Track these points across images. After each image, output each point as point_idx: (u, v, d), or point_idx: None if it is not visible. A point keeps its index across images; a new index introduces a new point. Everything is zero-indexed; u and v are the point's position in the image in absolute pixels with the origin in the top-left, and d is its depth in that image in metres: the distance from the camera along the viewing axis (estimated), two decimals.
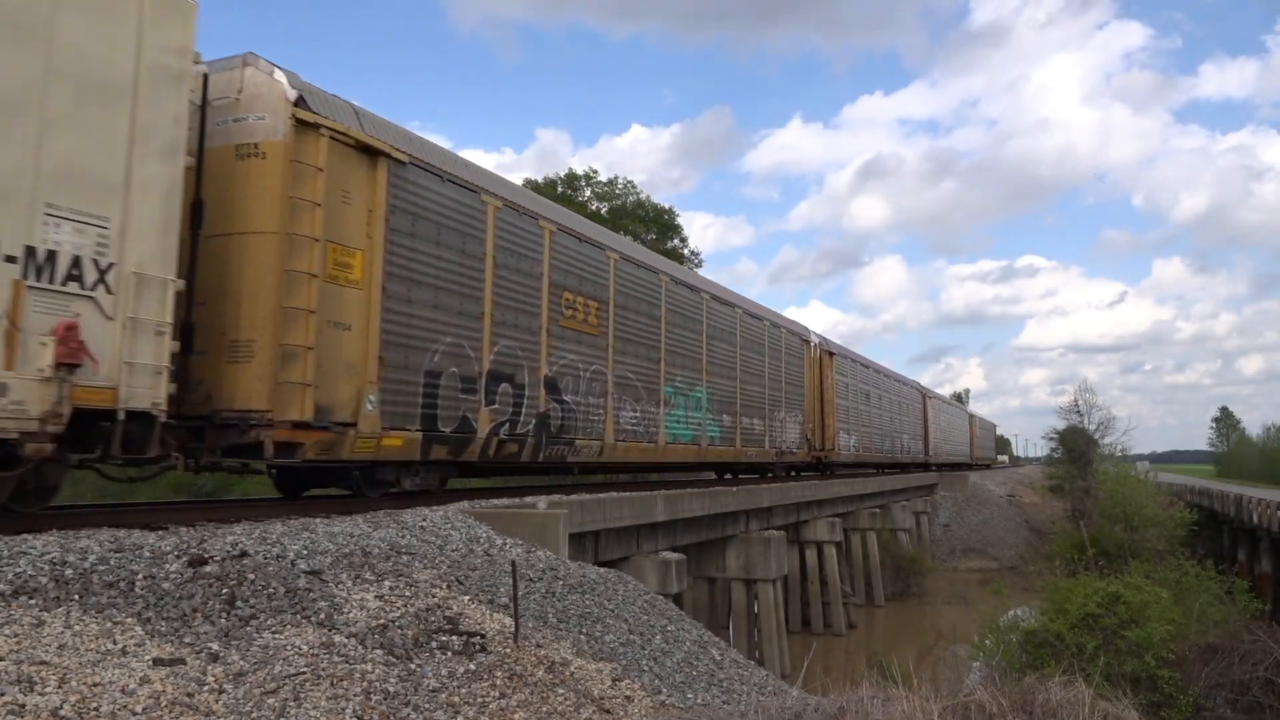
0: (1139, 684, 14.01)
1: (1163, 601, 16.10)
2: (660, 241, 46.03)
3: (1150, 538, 33.41)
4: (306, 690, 5.12)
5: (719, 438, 20.73)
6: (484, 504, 11.05)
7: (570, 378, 14.58)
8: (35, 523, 7.10)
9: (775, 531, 20.59)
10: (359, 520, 8.98)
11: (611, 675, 6.97)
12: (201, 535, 7.22)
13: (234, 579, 6.27)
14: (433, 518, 9.62)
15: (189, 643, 5.34)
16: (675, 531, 15.90)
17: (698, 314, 20.08)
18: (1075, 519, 42.16)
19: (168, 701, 4.59)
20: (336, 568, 7.15)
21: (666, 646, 8.51)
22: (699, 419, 19.68)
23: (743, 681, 8.49)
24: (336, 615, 6.28)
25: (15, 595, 5.34)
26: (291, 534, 7.74)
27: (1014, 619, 18.31)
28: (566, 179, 47.12)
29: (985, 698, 5.75)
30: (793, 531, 27.00)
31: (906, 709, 5.67)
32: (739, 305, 22.96)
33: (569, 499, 12.08)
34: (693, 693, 7.59)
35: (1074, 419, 48.28)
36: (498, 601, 7.56)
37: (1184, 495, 43.64)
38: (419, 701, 5.42)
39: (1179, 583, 20.39)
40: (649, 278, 17.92)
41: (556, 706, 5.98)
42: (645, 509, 13.72)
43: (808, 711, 6.12)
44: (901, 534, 39.82)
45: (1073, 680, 6.24)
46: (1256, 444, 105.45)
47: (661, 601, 10.11)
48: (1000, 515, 50.06)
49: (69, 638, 4.96)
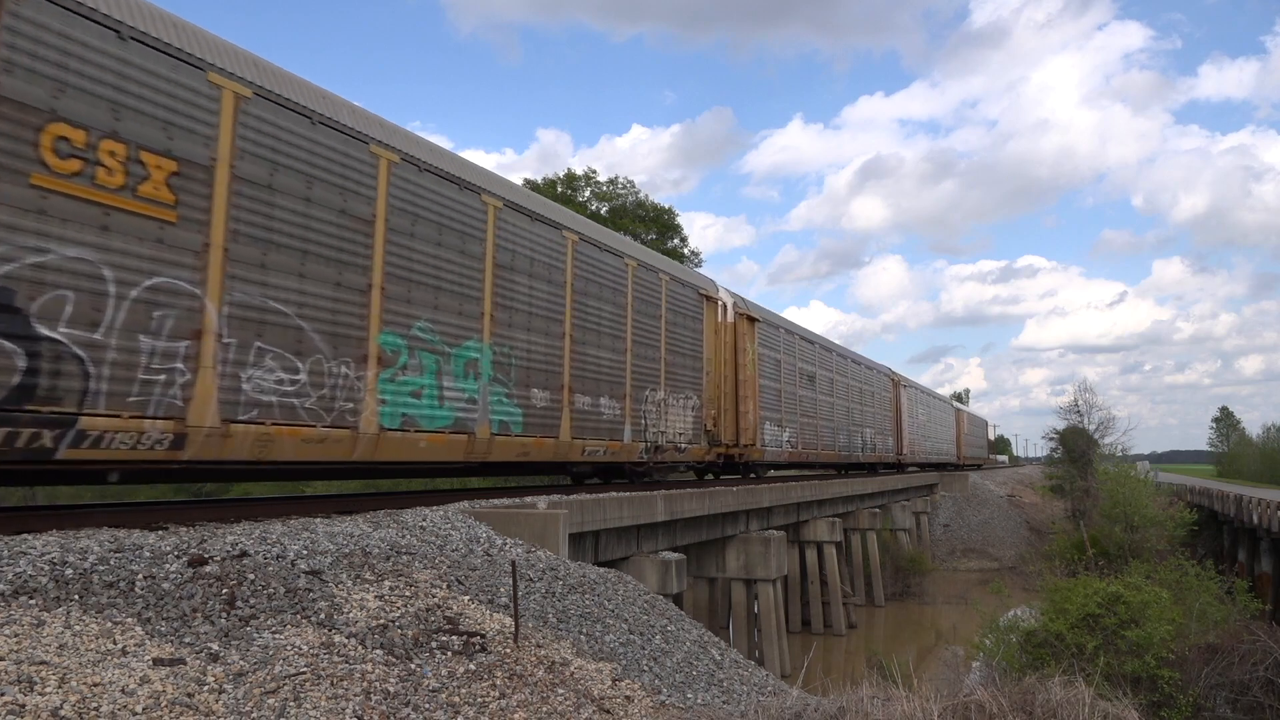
0: (1139, 684, 14.03)
1: (1163, 601, 16.11)
2: (660, 241, 46.04)
3: (1150, 538, 33.45)
4: (306, 690, 5.12)
5: (521, 423, 12.86)
6: (484, 504, 11.05)
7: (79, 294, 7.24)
8: (35, 523, 7.10)
9: (775, 531, 20.61)
10: (359, 520, 8.99)
11: (611, 675, 6.98)
12: (201, 535, 7.23)
13: (234, 579, 6.27)
14: (433, 518, 9.63)
15: (189, 643, 5.34)
16: (675, 531, 15.91)
17: (474, 225, 12.04)
18: (1075, 519, 42.18)
19: (168, 701, 4.59)
20: (336, 568, 7.15)
21: (666, 646, 8.52)
22: (469, 393, 11.77)
23: (743, 681, 8.49)
24: (336, 615, 6.28)
25: (15, 595, 5.34)
26: (291, 534, 7.74)
27: (1014, 619, 18.32)
28: (566, 179, 47.16)
29: (985, 698, 5.75)
30: (793, 531, 27.04)
31: (906, 709, 5.67)
32: (574, 230, 14.78)
33: (569, 499, 12.09)
34: (693, 693, 7.60)
35: (1074, 419, 48.31)
36: (498, 601, 7.56)
37: (1184, 495, 43.68)
38: (419, 701, 5.42)
39: (1179, 583, 20.40)
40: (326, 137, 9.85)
41: (556, 706, 5.98)
42: (645, 509, 13.74)
43: (808, 711, 6.12)
44: (901, 534, 39.87)
45: (1073, 680, 6.24)
46: (1256, 444, 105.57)
47: (661, 601, 10.11)
48: (1000, 515, 50.09)
49: (69, 638, 4.96)
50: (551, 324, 13.91)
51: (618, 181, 47.72)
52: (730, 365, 21.38)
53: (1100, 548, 33.17)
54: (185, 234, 8.11)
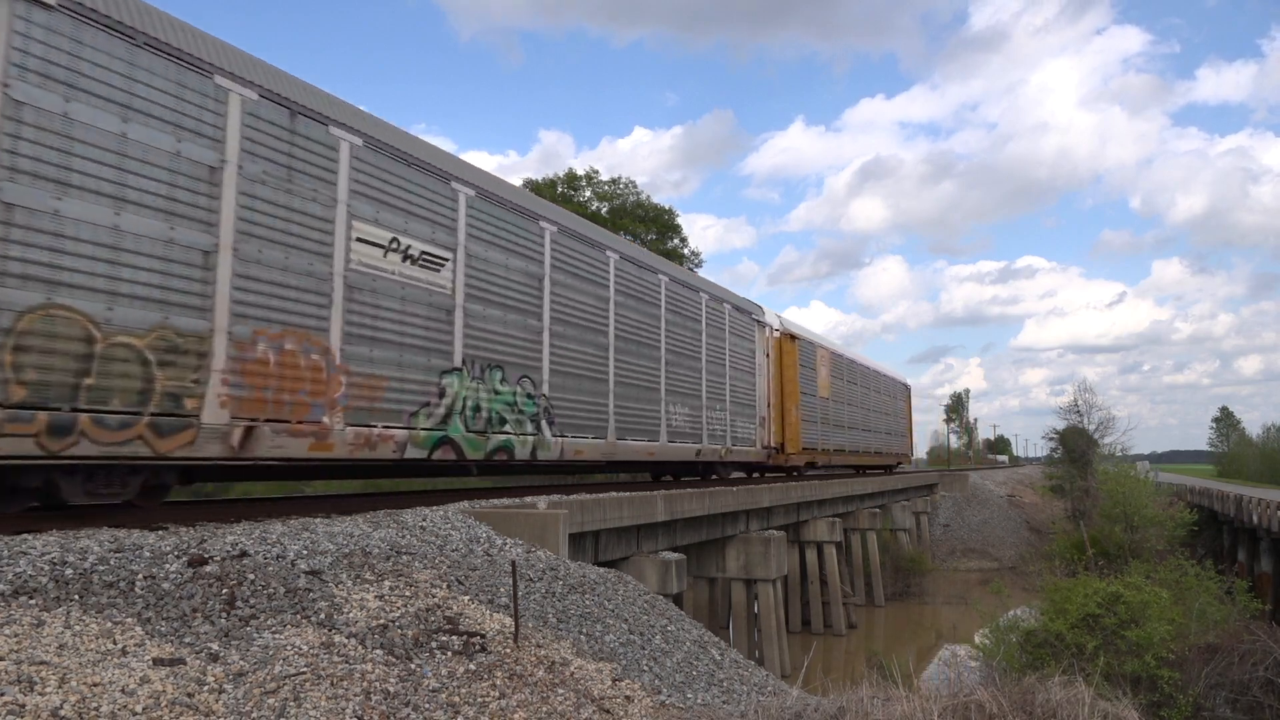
0: (1139, 684, 14.03)
1: (1163, 601, 16.10)
2: (660, 242, 46.05)
3: (1150, 538, 33.44)
4: (306, 690, 5.12)
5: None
6: (484, 504, 11.05)
7: None
8: (35, 523, 7.10)
9: (775, 531, 20.60)
10: (359, 520, 8.99)
11: (611, 675, 6.97)
12: (201, 535, 7.22)
13: (234, 579, 6.27)
14: (433, 518, 9.62)
15: (189, 643, 5.34)
16: (675, 531, 15.91)
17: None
18: (1075, 519, 42.16)
19: (168, 701, 4.59)
20: (336, 568, 7.15)
21: (666, 646, 8.51)
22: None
23: (743, 681, 8.49)
24: (336, 615, 6.27)
25: (15, 595, 5.34)
26: (291, 534, 7.74)
27: (1014, 619, 18.32)
28: (566, 179, 47.15)
29: (985, 698, 5.75)
30: (793, 531, 27.04)
31: (906, 709, 5.67)
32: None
33: (569, 499, 12.09)
34: (693, 693, 7.59)
35: (1074, 419, 48.24)
36: (498, 601, 7.56)
37: (1184, 495, 43.67)
38: (419, 701, 5.42)
39: (1179, 583, 20.40)
40: None
41: (556, 706, 5.98)
42: (645, 509, 13.73)
43: (808, 711, 6.12)
44: (901, 534, 39.86)
45: (1073, 680, 6.24)
46: (1256, 444, 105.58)
47: (661, 601, 10.11)
48: (1000, 515, 50.08)
49: (69, 638, 4.96)
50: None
51: (619, 181, 47.76)
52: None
53: (1100, 548, 33.18)
54: None
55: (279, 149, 9.49)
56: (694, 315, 20.16)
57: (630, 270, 17.18)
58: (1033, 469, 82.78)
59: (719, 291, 22.16)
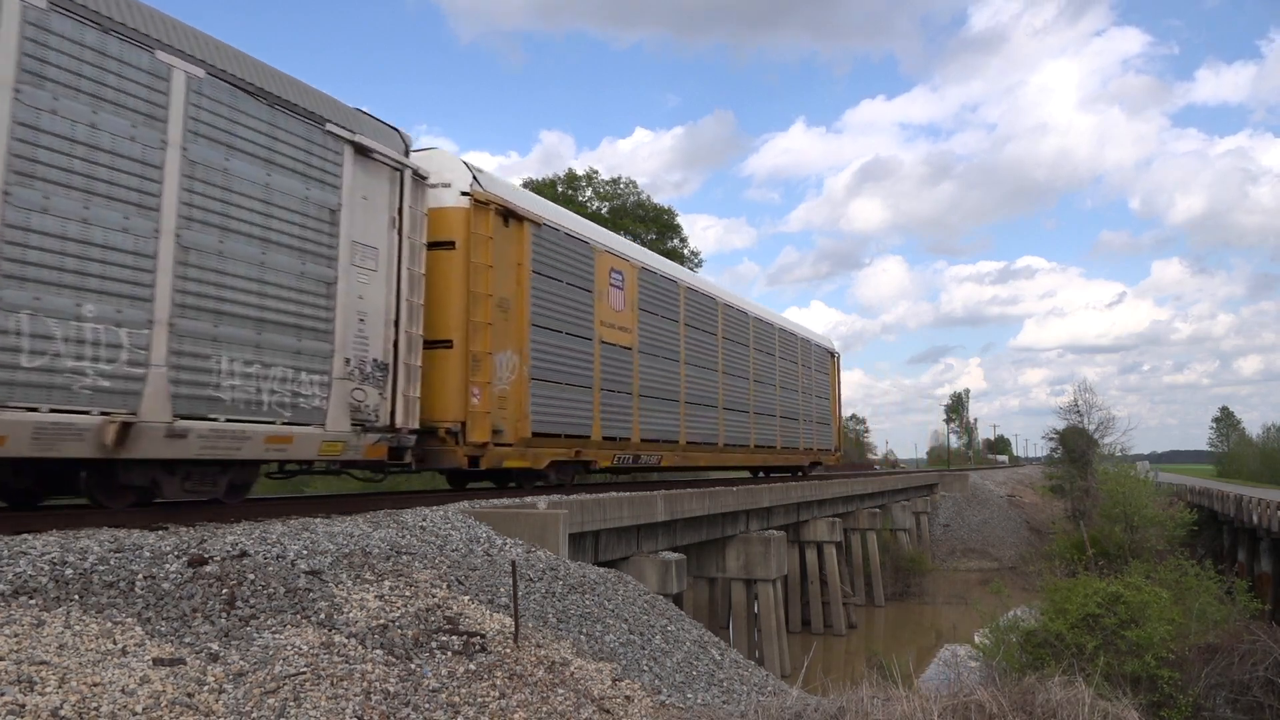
0: (1139, 684, 14.03)
1: (1163, 601, 16.10)
2: (660, 242, 46.06)
3: (1150, 538, 33.44)
4: (306, 690, 5.12)
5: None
6: (484, 504, 11.05)
7: None
8: (35, 523, 7.10)
9: (775, 531, 20.61)
10: (359, 520, 8.98)
11: (611, 675, 6.97)
12: (201, 535, 7.22)
13: (234, 579, 6.27)
14: (433, 518, 9.62)
15: (189, 643, 5.34)
16: (675, 531, 15.91)
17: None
18: (1075, 519, 42.16)
19: (168, 701, 4.59)
20: (336, 568, 7.15)
21: (666, 646, 8.51)
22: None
23: (743, 681, 8.49)
24: (336, 615, 6.27)
25: (15, 595, 5.34)
26: (291, 534, 7.74)
27: (1014, 619, 18.32)
28: (567, 179, 47.15)
29: (985, 698, 5.75)
30: (793, 531, 27.03)
31: (906, 709, 5.67)
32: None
33: (569, 499, 12.08)
34: (693, 693, 7.59)
35: (1074, 419, 48.23)
36: (498, 601, 7.56)
37: (1184, 495, 43.67)
38: (419, 701, 5.42)
39: (1179, 583, 20.39)
40: None
41: (556, 706, 5.98)
42: (645, 509, 13.73)
43: (808, 711, 6.12)
44: (901, 534, 39.88)
45: (1073, 680, 6.24)
46: (1256, 444, 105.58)
47: (661, 601, 10.11)
48: (1000, 515, 50.10)
49: (69, 638, 4.96)
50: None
51: (619, 181, 47.76)
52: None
53: (1100, 548, 33.18)
54: None
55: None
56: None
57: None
58: (1033, 469, 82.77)
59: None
